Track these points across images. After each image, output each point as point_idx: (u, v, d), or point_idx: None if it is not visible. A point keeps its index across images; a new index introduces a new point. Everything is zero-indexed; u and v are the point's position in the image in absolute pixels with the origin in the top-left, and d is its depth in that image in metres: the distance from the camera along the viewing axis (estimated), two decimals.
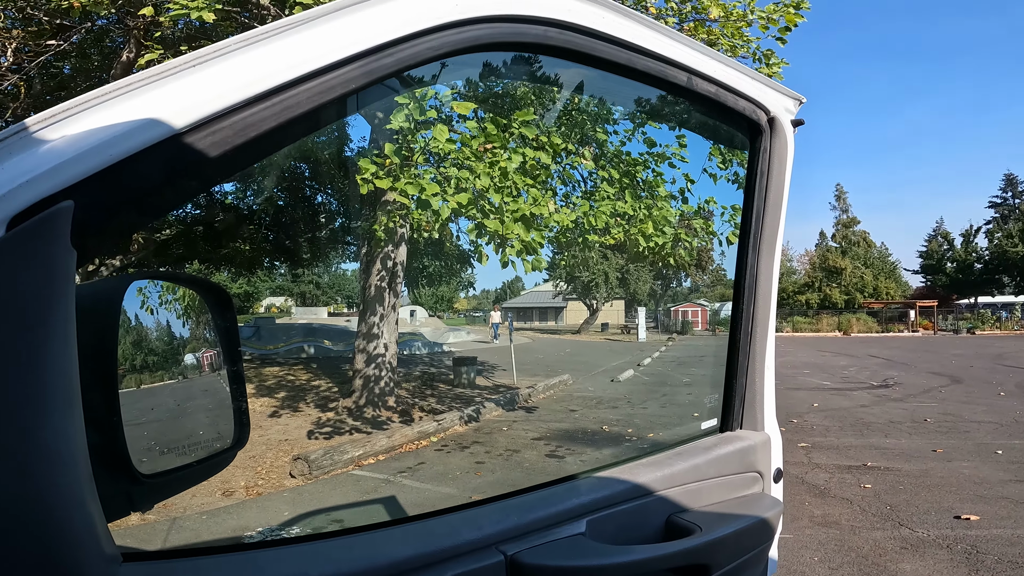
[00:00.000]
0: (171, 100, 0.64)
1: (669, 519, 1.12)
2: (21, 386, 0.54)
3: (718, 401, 1.40)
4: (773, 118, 1.26)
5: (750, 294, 1.31)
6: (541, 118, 5.55)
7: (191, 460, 0.85)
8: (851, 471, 6.57)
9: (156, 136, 0.63)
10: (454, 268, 21.16)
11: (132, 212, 0.64)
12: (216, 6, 5.90)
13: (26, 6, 7.31)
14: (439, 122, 4.84)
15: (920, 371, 17.27)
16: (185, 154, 0.65)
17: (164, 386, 0.89)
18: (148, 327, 0.86)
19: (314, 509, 5.20)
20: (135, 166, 0.62)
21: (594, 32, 0.96)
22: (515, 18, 0.88)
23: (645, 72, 1.06)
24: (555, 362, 17.79)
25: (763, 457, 1.30)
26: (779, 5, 7.59)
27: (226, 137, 0.67)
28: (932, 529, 4.83)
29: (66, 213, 0.58)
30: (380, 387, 9.22)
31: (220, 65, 0.67)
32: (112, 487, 0.66)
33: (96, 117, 0.61)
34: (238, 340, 0.95)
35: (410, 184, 4.62)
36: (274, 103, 0.69)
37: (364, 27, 0.75)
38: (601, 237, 6.14)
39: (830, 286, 52.40)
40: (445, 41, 0.81)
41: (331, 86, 0.73)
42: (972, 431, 8.53)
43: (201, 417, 0.95)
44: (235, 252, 13.41)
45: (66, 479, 0.57)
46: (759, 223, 1.30)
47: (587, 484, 1.10)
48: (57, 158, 0.58)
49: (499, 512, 0.97)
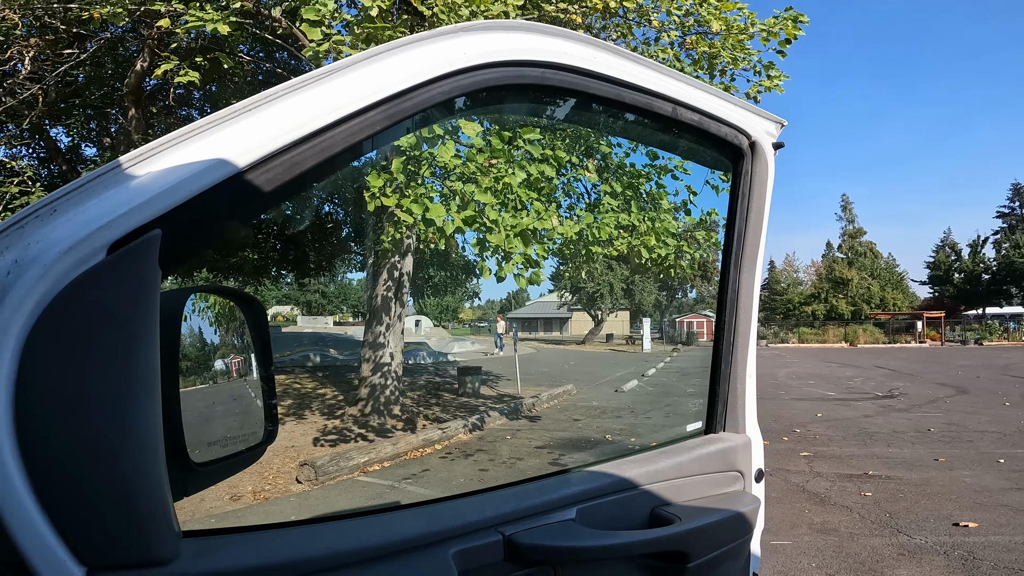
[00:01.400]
0: (233, 142, 0.77)
1: (653, 511, 1.22)
2: (116, 379, 0.66)
3: (703, 405, 1.50)
4: (754, 142, 1.35)
5: (732, 307, 1.41)
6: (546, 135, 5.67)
7: (232, 451, 0.99)
8: (852, 479, 6.61)
9: (224, 174, 0.76)
10: (459, 279, 21.29)
11: (205, 237, 0.77)
12: (231, 19, 6.08)
13: (44, 15, 7.52)
14: (446, 137, 4.97)
15: (926, 382, 17.23)
16: (246, 189, 0.78)
17: (210, 386, 1.04)
18: (200, 332, 1.02)
19: (320, 514, 5.29)
20: (208, 200, 0.74)
21: (586, 71, 1.07)
22: (516, 63, 0.99)
23: (633, 105, 1.16)
24: (559, 372, 17.83)
25: (744, 457, 1.40)
26: (779, 19, 7.73)
27: (277, 175, 0.80)
28: (930, 536, 4.87)
29: (155, 240, 0.70)
30: (386, 395, 9.31)
31: (269, 110, 0.81)
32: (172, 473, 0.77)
33: (174, 156, 0.74)
34: (270, 346, 1.09)
35: (415, 203, 4.74)
36: (314, 144, 0.82)
37: (387, 75, 0.87)
38: (604, 249, 6.24)
39: (837, 297, 52.24)
40: (456, 85, 0.93)
41: (359, 128, 0.85)
42: (975, 440, 8.54)
43: (239, 414, 1.09)
44: (243, 261, 13.55)
45: (148, 461, 0.68)
46: (740, 242, 1.40)
47: (578, 477, 1.21)
48: (147, 193, 0.71)
49: (499, 499, 1.09)
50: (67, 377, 0.64)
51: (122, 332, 0.67)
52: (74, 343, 0.65)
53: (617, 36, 8.11)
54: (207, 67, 7.73)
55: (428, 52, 0.90)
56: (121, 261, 0.68)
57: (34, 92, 8.26)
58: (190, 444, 0.85)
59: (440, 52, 0.91)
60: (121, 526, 0.66)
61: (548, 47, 1.02)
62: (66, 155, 12.27)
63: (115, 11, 6.26)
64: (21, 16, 7.30)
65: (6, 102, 8.36)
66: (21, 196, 8.57)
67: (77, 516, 0.65)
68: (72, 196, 0.69)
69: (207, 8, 6.22)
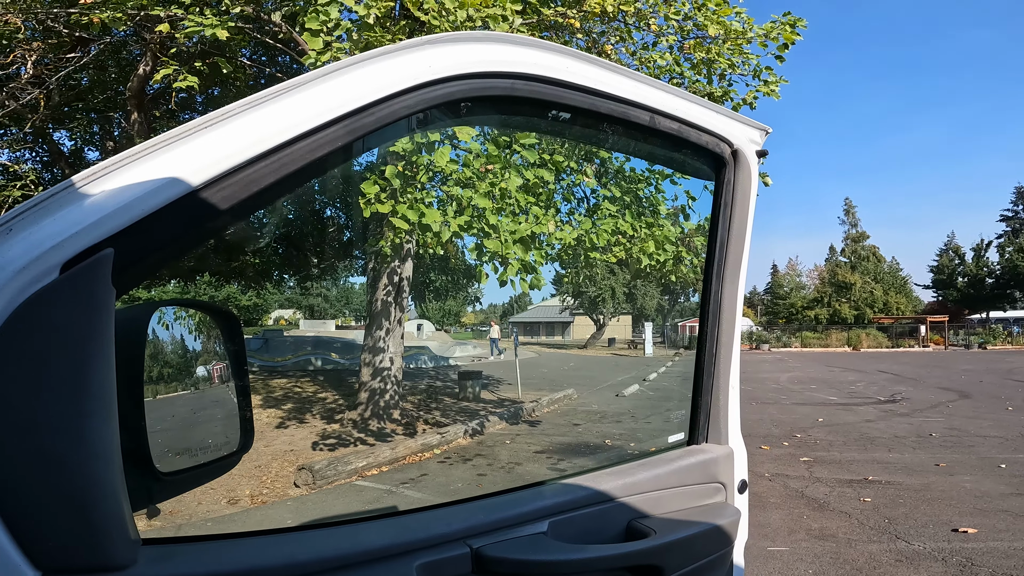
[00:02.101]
0: (188, 160, 0.77)
1: (629, 524, 1.20)
2: (70, 398, 0.67)
3: (686, 416, 1.48)
4: (736, 150, 1.32)
5: (715, 318, 1.39)
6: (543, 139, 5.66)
7: (202, 461, 0.99)
8: (852, 485, 6.58)
9: (178, 192, 0.76)
10: (460, 283, 21.31)
11: (159, 256, 0.77)
12: (229, 24, 6.10)
13: (47, 19, 7.56)
14: (443, 142, 4.96)
15: (929, 386, 17.15)
16: (201, 207, 0.78)
17: (181, 396, 1.05)
18: (168, 346, 1.02)
19: (317, 519, 5.28)
20: (162, 218, 0.75)
21: (558, 81, 1.05)
22: (484, 74, 0.98)
23: (608, 115, 1.14)
24: (560, 376, 17.81)
25: (726, 469, 1.38)
26: (776, 23, 7.73)
27: (234, 192, 0.80)
28: (928, 542, 4.84)
29: (108, 259, 0.71)
30: (385, 400, 9.31)
31: (226, 127, 0.80)
32: (136, 482, 0.78)
33: (129, 174, 0.75)
34: (245, 358, 1.09)
35: (410, 210, 4.73)
36: (271, 162, 0.82)
37: (347, 90, 0.86)
38: (603, 255, 6.23)
39: (840, 301, 52.10)
40: (420, 99, 0.92)
41: (320, 144, 0.85)
42: (977, 445, 8.50)
43: (212, 425, 1.10)
44: (245, 264, 13.60)
45: (103, 474, 0.69)
46: (723, 252, 1.38)
47: (552, 489, 1.20)
48: (99, 212, 0.71)
49: (468, 511, 1.08)
50: (21, 394, 0.65)
51: (75, 350, 0.68)
52: (28, 361, 0.66)
53: (616, 40, 8.12)
54: (207, 72, 7.76)
55: (391, 66, 0.89)
56: (73, 280, 0.69)
57: (36, 96, 8.30)
58: (158, 453, 0.85)
59: (404, 65, 0.90)
60: (76, 533, 0.68)
61: (518, 58, 1.00)
62: (69, 159, 12.34)
63: (115, 16, 6.29)
64: (24, 20, 7.35)
65: (9, 105, 8.41)
66: (24, 200, 8.61)
67: (33, 524, 0.66)
68: (27, 215, 0.70)
69: (206, 13, 6.25)
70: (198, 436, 1.05)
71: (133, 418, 0.80)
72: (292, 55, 8.81)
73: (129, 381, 0.80)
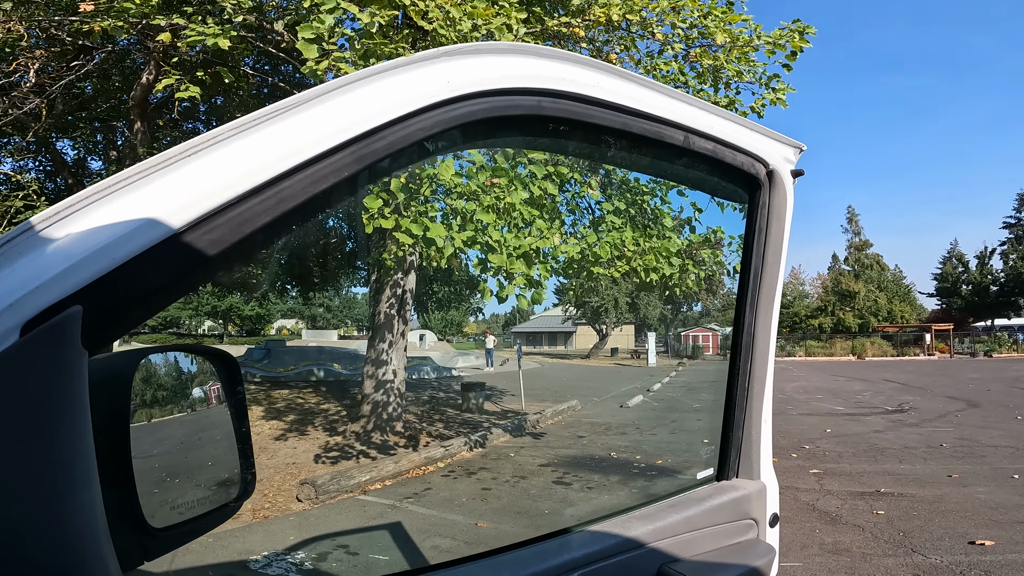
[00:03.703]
0: (168, 195, 0.66)
1: (659, 570, 1.12)
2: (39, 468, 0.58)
3: (714, 452, 1.40)
4: (772, 171, 1.24)
5: (747, 351, 1.30)
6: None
7: (199, 512, 0.91)
8: (863, 497, 6.47)
9: (156, 237, 0.64)
10: (463, 293, 21.27)
11: (138, 310, 0.66)
12: (232, 33, 6.07)
13: (50, 27, 7.55)
14: (447, 156, 4.90)
15: (936, 395, 17.00)
16: (185, 253, 0.66)
17: (176, 447, 0.96)
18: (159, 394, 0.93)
19: (320, 534, 5.19)
20: (138, 268, 0.64)
21: (588, 98, 0.95)
22: (509, 91, 0.87)
23: (641, 135, 1.04)
24: (564, 387, 17.70)
25: (758, 505, 1.31)
26: (785, 31, 7.68)
27: (223, 235, 0.68)
28: (945, 555, 4.73)
29: (75, 317, 0.60)
30: (388, 412, 9.23)
31: (213, 155, 0.69)
32: (128, 539, 0.71)
33: (99, 213, 0.64)
34: (245, 402, 1.00)
35: (413, 224, 4.66)
36: (268, 196, 0.70)
37: (355, 110, 0.75)
38: (607, 269, 6.14)
39: (843, 310, 51.88)
40: (437, 120, 0.81)
41: (324, 175, 0.73)
42: (988, 456, 8.37)
43: (210, 472, 1.01)
44: (248, 275, 13.56)
45: (88, 547, 0.61)
46: (757, 281, 1.29)
47: (579, 539, 1.11)
48: (64, 261, 0.61)
49: (490, 569, 0.99)
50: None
51: (41, 419, 0.59)
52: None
53: (621, 49, 8.09)
54: (209, 82, 7.74)
55: (404, 82, 0.79)
56: (36, 342, 0.59)
57: (38, 103, 8.29)
58: (151, 509, 0.78)
59: (419, 81, 0.80)
60: None
61: (545, 72, 0.90)
62: (72, 168, 12.34)
63: (116, 24, 6.26)
64: (27, 28, 7.34)
65: (12, 114, 8.39)
66: (26, 210, 8.58)
67: None
68: None
69: (208, 22, 6.22)
70: (195, 487, 0.97)
71: (120, 477, 0.72)
72: (295, 64, 8.79)
73: (113, 437, 0.71)
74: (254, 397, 12.44)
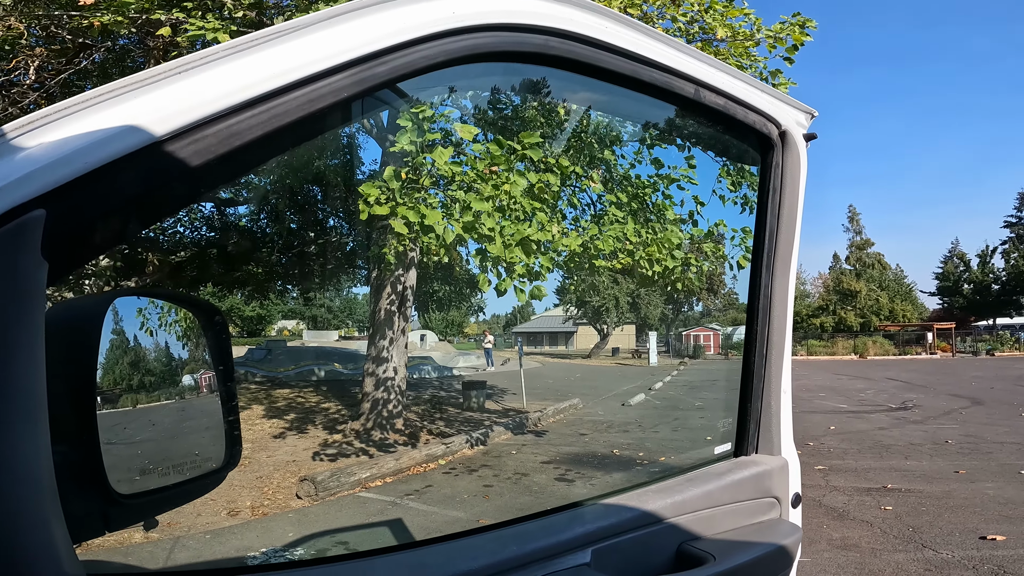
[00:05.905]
0: (154, 107, 0.61)
1: (680, 548, 1.06)
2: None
3: (732, 425, 1.35)
4: (785, 132, 1.22)
5: (764, 316, 1.26)
6: (549, 142, 5.53)
7: (174, 481, 0.82)
8: (870, 493, 6.40)
9: (135, 144, 0.59)
10: (464, 293, 21.22)
11: (110, 223, 0.60)
12: (232, 27, 6.02)
13: (50, 24, 7.49)
14: (442, 144, 4.84)
15: (939, 393, 16.93)
16: (165, 163, 0.61)
17: (148, 406, 0.85)
18: (131, 344, 0.82)
19: (319, 531, 5.12)
20: (112, 175, 0.58)
21: (596, 42, 0.92)
22: (515, 27, 0.85)
23: (651, 84, 1.02)
24: (565, 386, 17.63)
25: (780, 482, 1.25)
26: (786, 24, 7.62)
27: (209, 145, 0.63)
28: (957, 550, 4.66)
29: (37, 223, 0.54)
30: (389, 410, 9.17)
31: (207, 72, 0.64)
32: (86, 506, 0.64)
33: (77, 124, 0.58)
34: (231, 358, 0.92)
35: (410, 210, 4.58)
36: (260, 111, 0.66)
37: (356, 35, 0.72)
38: (609, 262, 6.08)
39: (845, 309, 51.82)
40: (442, 50, 0.78)
41: (321, 94, 0.70)
42: (995, 452, 8.31)
43: (188, 437, 0.90)
44: (248, 275, 13.51)
45: (24, 495, 0.53)
46: (772, 242, 1.26)
47: (592, 512, 1.05)
48: (30, 165, 0.55)
49: (496, 542, 0.93)
50: None
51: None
52: None
53: None
54: None
55: (409, 10, 0.75)
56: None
57: (36, 101, 8.23)
58: (118, 472, 0.69)
59: (424, 10, 0.76)
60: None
61: (551, 11, 0.87)
62: None
63: (116, 19, 6.20)
64: (27, 25, 7.28)
65: (11, 112, 8.34)
66: None
67: None
68: None
69: (208, 17, 6.17)
70: (170, 451, 0.87)
71: (83, 429, 0.64)
72: None
73: (79, 385, 0.64)
74: (254, 397, 12.39)
